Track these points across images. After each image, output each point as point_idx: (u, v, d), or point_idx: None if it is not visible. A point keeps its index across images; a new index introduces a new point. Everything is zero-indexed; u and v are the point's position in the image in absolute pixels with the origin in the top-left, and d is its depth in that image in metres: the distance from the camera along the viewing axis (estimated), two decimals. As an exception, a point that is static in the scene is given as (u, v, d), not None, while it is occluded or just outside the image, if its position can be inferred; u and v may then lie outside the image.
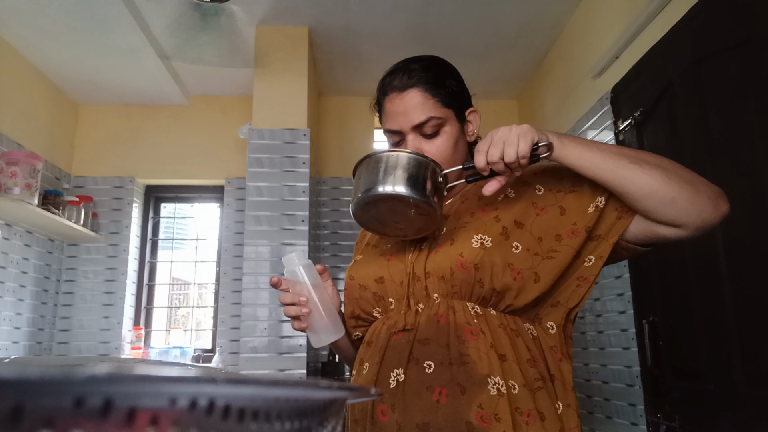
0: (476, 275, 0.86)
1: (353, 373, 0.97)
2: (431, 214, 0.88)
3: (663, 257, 1.76)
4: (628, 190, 0.82)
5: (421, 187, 0.85)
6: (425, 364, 0.84)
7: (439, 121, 0.94)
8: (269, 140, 2.59)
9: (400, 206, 0.87)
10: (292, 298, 0.93)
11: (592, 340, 2.31)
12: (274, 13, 2.57)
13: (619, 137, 2.08)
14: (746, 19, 1.43)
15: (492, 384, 0.81)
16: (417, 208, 0.86)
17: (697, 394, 1.62)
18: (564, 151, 0.83)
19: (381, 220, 0.91)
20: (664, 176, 0.81)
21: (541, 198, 0.92)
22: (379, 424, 0.84)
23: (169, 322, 3.35)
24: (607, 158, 0.82)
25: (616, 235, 0.87)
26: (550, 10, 2.54)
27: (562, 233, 0.88)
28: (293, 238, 2.50)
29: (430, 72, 0.97)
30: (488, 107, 3.43)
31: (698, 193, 0.81)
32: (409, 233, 0.93)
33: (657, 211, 0.83)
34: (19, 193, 2.38)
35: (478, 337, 0.84)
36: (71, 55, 2.75)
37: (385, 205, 0.88)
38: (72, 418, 0.19)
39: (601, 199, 0.88)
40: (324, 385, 0.29)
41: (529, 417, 0.81)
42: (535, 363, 0.86)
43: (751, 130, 1.40)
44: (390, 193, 0.85)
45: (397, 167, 0.86)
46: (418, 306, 0.90)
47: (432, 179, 0.87)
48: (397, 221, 0.90)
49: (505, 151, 0.81)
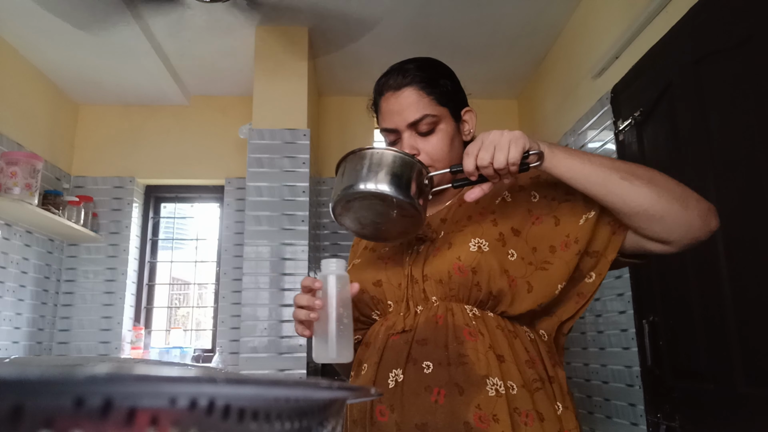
0: (474, 279, 0.86)
1: (352, 374, 0.97)
2: (414, 216, 0.84)
3: (663, 257, 1.75)
4: (617, 206, 0.82)
5: (405, 187, 0.82)
6: (424, 365, 0.85)
7: (434, 118, 0.95)
8: (269, 140, 2.59)
9: (382, 206, 0.83)
10: (308, 301, 0.86)
11: (592, 340, 2.31)
12: (274, 13, 2.57)
13: (619, 137, 2.08)
14: (746, 19, 1.43)
15: (490, 385, 0.81)
16: (400, 209, 0.83)
17: (697, 394, 1.62)
18: (554, 161, 0.82)
19: (361, 221, 0.88)
20: (654, 193, 0.80)
21: (536, 205, 0.93)
22: (378, 424, 0.84)
23: (169, 322, 3.35)
24: (598, 172, 0.81)
25: (614, 252, 0.87)
26: (550, 10, 2.54)
27: (556, 245, 0.89)
28: (293, 238, 2.50)
29: (425, 71, 0.98)
30: (488, 107, 3.45)
31: (688, 211, 0.81)
32: (390, 236, 0.90)
33: (645, 228, 0.83)
34: (19, 193, 2.38)
35: (477, 338, 0.85)
36: (71, 55, 2.75)
37: (366, 204, 0.84)
38: (72, 418, 0.19)
39: (593, 213, 0.88)
40: (324, 385, 0.29)
41: (528, 417, 0.81)
42: (533, 364, 0.86)
43: (751, 130, 1.40)
44: (372, 191, 0.81)
45: (381, 165, 0.83)
46: (417, 308, 0.91)
47: (417, 181, 0.84)
48: (379, 223, 0.86)
49: (495, 155, 0.79)
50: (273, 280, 2.46)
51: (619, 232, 0.87)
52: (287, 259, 2.48)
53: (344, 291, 0.86)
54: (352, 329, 0.85)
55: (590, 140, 2.35)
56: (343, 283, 0.86)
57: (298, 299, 0.87)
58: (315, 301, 0.84)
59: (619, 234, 0.87)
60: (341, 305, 0.85)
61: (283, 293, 2.45)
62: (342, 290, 0.85)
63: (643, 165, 0.84)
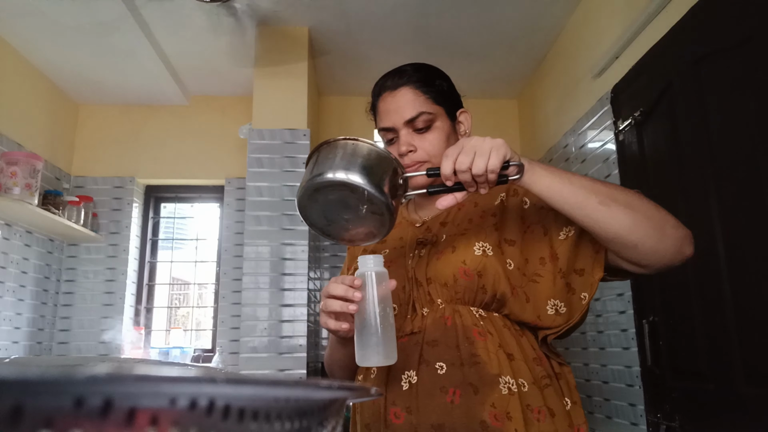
0: (479, 282, 0.88)
1: (359, 378, 0.97)
2: (383, 215, 0.79)
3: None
4: (594, 230, 0.81)
5: (378, 181, 0.77)
6: (437, 365, 0.85)
7: (430, 116, 0.97)
8: (269, 140, 2.59)
9: (352, 199, 0.78)
10: (345, 292, 0.79)
11: (592, 340, 2.31)
12: (274, 13, 2.57)
13: (619, 137, 2.08)
14: (746, 19, 1.43)
15: (503, 383, 0.82)
16: (370, 204, 0.78)
17: (697, 394, 1.62)
18: (534, 177, 0.80)
19: (327, 216, 0.82)
20: (631, 220, 0.79)
21: (528, 213, 0.94)
22: (392, 426, 0.84)
23: (169, 322, 3.34)
24: (577, 194, 0.80)
25: (600, 270, 0.88)
26: (550, 10, 2.54)
27: (545, 256, 0.90)
28: (293, 238, 2.50)
29: (421, 72, 1.00)
30: (488, 107, 3.45)
31: (663, 239, 0.81)
32: (356, 237, 0.85)
33: (619, 252, 0.83)
34: (19, 193, 2.38)
35: (486, 337, 0.86)
36: (71, 55, 2.75)
37: (335, 196, 0.78)
38: (72, 418, 0.19)
39: (572, 231, 0.89)
40: (324, 385, 0.30)
41: (540, 414, 0.82)
42: (540, 362, 0.88)
43: (751, 130, 1.40)
44: (342, 180, 0.75)
45: (355, 155, 0.78)
46: (423, 310, 0.92)
47: (392, 177, 0.80)
48: (346, 220, 0.82)
49: (475, 161, 0.76)
50: (273, 280, 2.46)
51: (601, 251, 0.87)
52: (287, 259, 2.48)
53: (385, 288, 0.80)
54: (394, 328, 0.80)
55: (590, 140, 2.35)
56: (383, 280, 0.80)
57: (332, 289, 0.81)
58: (354, 292, 0.78)
59: (601, 252, 0.87)
60: (384, 303, 0.79)
61: (283, 293, 2.45)
62: (383, 287, 0.80)
63: (623, 188, 0.83)
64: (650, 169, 1.87)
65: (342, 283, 0.80)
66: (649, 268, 0.84)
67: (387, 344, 0.78)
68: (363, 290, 0.79)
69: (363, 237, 0.85)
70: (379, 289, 0.79)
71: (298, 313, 2.42)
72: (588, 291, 0.88)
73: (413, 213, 1.08)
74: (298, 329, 2.41)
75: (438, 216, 1.01)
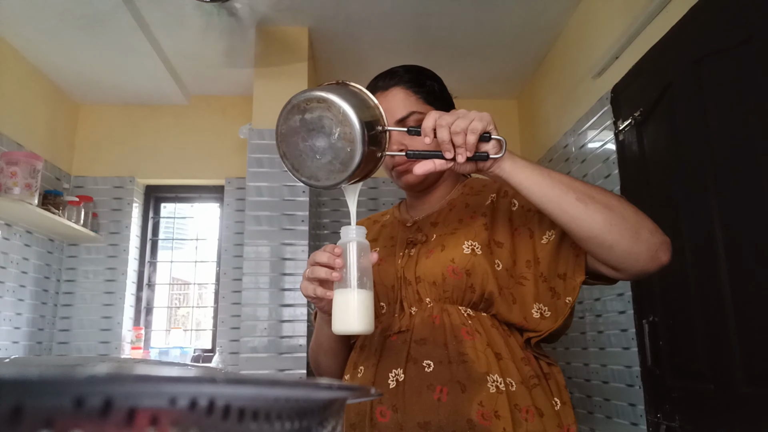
0: (468, 281, 0.88)
1: (346, 377, 0.97)
2: (353, 149, 0.76)
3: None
4: (570, 227, 0.81)
5: (357, 110, 0.77)
6: (424, 363, 0.85)
7: (421, 116, 0.97)
8: (269, 140, 2.59)
9: (327, 119, 0.77)
10: (329, 259, 0.80)
11: (592, 340, 2.31)
12: (274, 13, 2.57)
13: (619, 137, 2.08)
14: (746, 19, 1.43)
15: (491, 381, 0.82)
16: (342, 127, 0.76)
17: (697, 394, 1.62)
18: (514, 167, 0.80)
19: (300, 145, 0.81)
20: (607, 221, 0.79)
21: (515, 215, 0.94)
22: (378, 425, 0.84)
23: (169, 322, 3.34)
24: (555, 188, 0.79)
25: (581, 274, 0.87)
26: (550, 10, 2.54)
27: (531, 259, 0.90)
28: (293, 238, 2.50)
29: (412, 73, 1.02)
30: (488, 107, 3.42)
31: (638, 243, 0.80)
32: (320, 170, 0.80)
33: (595, 253, 0.83)
34: (19, 193, 2.38)
35: (474, 336, 0.86)
36: (71, 55, 2.75)
37: (313, 115, 0.78)
38: (72, 418, 0.19)
39: (554, 235, 0.89)
40: (324, 385, 0.30)
41: (528, 413, 0.82)
42: (528, 361, 0.88)
43: (751, 130, 1.40)
44: (321, 94, 0.77)
45: (344, 87, 0.81)
46: (411, 309, 0.92)
47: (372, 120, 0.80)
48: (316, 150, 0.79)
49: (456, 121, 0.76)
50: (273, 280, 2.46)
51: (581, 255, 0.87)
52: (287, 259, 2.48)
53: (365, 259, 0.81)
54: (373, 299, 0.81)
55: (590, 140, 2.35)
56: (364, 251, 0.81)
57: (317, 257, 0.81)
58: (336, 259, 0.79)
59: (581, 256, 0.87)
60: (363, 273, 0.80)
61: (283, 293, 2.45)
62: (363, 258, 0.80)
63: (604, 189, 0.83)
64: (650, 169, 1.87)
65: (325, 251, 0.82)
66: (625, 273, 0.83)
67: (362, 312, 0.78)
68: (343, 258, 0.80)
69: (326, 172, 0.79)
70: (360, 258, 0.80)
71: (298, 313, 2.42)
72: (571, 295, 0.88)
73: (404, 213, 1.09)
74: (298, 329, 2.41)
75: (429, 216, 1.02)
